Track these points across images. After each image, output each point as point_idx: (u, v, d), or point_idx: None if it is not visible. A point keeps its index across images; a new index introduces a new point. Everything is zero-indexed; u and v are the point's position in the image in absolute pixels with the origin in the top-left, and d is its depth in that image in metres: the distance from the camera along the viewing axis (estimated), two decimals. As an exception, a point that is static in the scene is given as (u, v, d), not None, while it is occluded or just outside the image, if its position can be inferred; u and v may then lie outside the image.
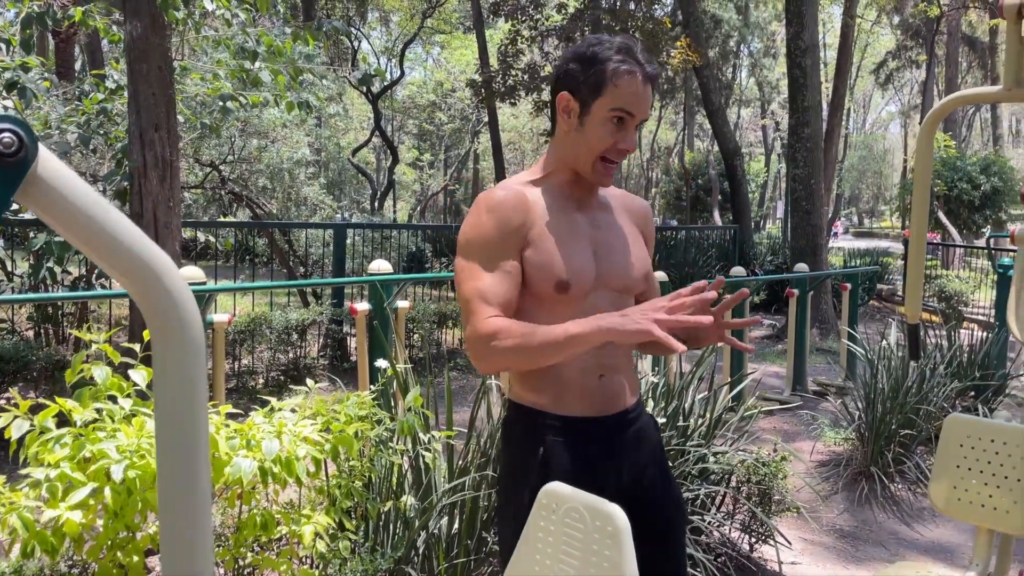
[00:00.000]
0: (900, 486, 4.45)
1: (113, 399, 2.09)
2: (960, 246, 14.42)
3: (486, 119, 18.77)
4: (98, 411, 2.02)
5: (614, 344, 1.62)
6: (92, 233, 0.79)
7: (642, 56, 1.58)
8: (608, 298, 1.64)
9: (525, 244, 1.58)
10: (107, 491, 1.82)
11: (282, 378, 6.48)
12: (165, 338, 0.87)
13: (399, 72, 24.65)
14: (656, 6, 14.65)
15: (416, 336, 7.21)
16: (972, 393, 5.34)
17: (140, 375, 2.10)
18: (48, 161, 0.75)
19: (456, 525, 2.61)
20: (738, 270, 6.27)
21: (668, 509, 1.73)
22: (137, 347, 2.20)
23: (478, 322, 1.51)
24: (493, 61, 14.68)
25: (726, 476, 3.34)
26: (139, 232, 0.83)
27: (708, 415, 3.36)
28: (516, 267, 1.57)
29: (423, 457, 2.54)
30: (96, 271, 6.00)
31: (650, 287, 1.79)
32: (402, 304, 4.32)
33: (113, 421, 2.00)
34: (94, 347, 2.16)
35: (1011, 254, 8.18)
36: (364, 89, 18.91)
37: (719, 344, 1.70)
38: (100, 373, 2.04)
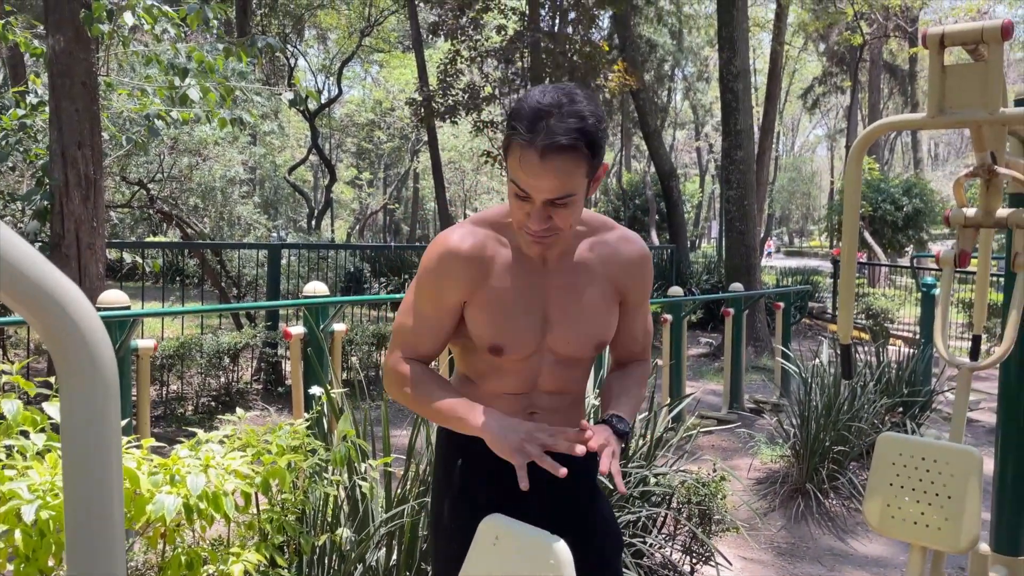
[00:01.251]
0: (835, 502, 4.53)
1: (25, 434, 1.96)
2: (885, 265, 14.97)
3: (426, 138, 18.73)
4: (8, 448, 1.90)
5: (551, 394, 1.62)
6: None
7: (554, 121, 1.31)
8: (551, 361, 1.58)
9: (469, 297, 1.52)
10: (18, 533, 1.70)
11: (213, 404, 6.27)
12: (73, 376, 0.80)
13: (337, 90, 24.43)
14: (593, 30, 14.89)
15: (354, 359, 7.08)
16: (900, 409, 5.50)
17: (56, 408, 1.98)
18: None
19: (395, 556, 2.53)
20: (675, 290, 6.35)
21: (597, 537, 1.68)
22: (53, 379, 2.08)
23: (391, 357, 1.59)
24: (433, 80, 14.67)
25: (667, 497, 3.34)
26: (42, 259, 0.77)
27: (649, 436, 3.36)
28: (448, 319, 1.55)
29: (359, 487, 2.46)
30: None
31: (620, 342, 1.70)
32: (339, 327, 4.23)
33: (25, 458, 1.87)
34: (5, 378, 2.03)
35: (934, 273, 8.52)
36: (300, 108, 18.68)
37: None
38: (11, 406, 1.91)
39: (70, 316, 0.81)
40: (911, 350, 6.32)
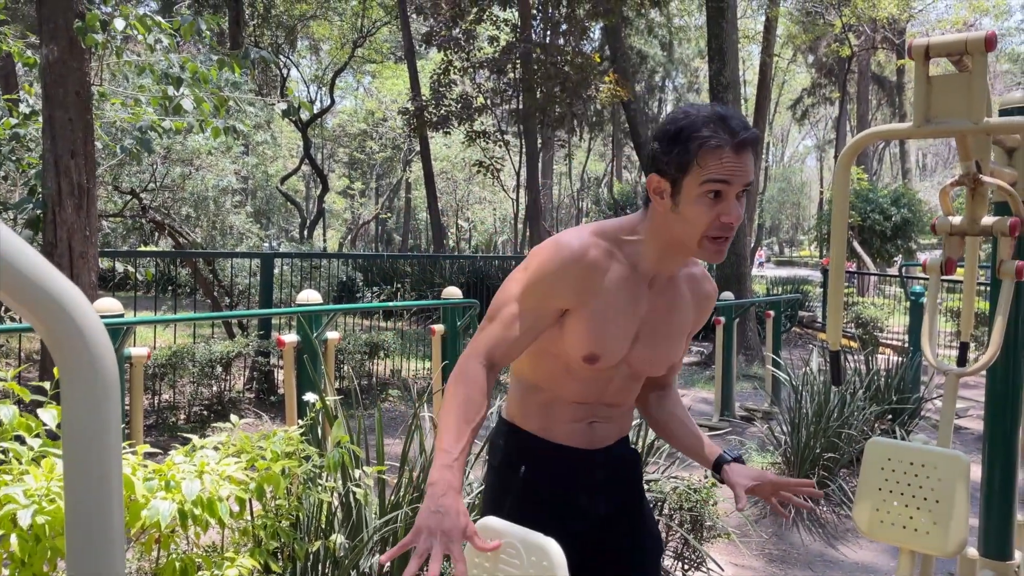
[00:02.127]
0: (825, 508, 4.56)
1: (21, 440, 1.97)
2: (874, 274, 15.07)
3: (418, 148, 18.78)
4: (3, 453, 1.90)
5: (611, 406, 1.68)
6: (-8, 265, 0.73)
7: (735, 123, 1.48)
8: (625, 374, 1.66)
9: (577, 306, 1.54)
10: (13, 538, 1.70)
11: (205, 413, 6.25)
12: (75, 376, 0.81)
13: (330, 100, 24.47)
14: (585, 41, 14.99)
15: (347, 368, 7.08)
16: (890, 416, 5.54)
17: (50, 414, 1.98)
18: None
19: (388, 563, 2.54)
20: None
21: (647, 540, 1.77)
22: (48, 384, 2.08)
23: (471, 348, 1.55)
24: (425, 91, 14.73)
25: (658, 504, 3.36)
26: (44, 262, 0.78)
27: (640, 442, 3.38)
28: (543, 324, 1.55)
29: (353, 493, 2.47)
30: (3, 305, 5.70)
31: (670, 371, 1.83)
32: (332, 335, 4.23)
33: (20, 463, 1.88)
34: (0, 385, 2.03)
35: (922, 282, 8.59)
36: (293, 118, 18.71)
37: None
38: (6, 412, 1.92)
39: (72, 317, 0.82)
40: (900, 358, 6.37)
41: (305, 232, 23.26)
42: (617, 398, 1.69)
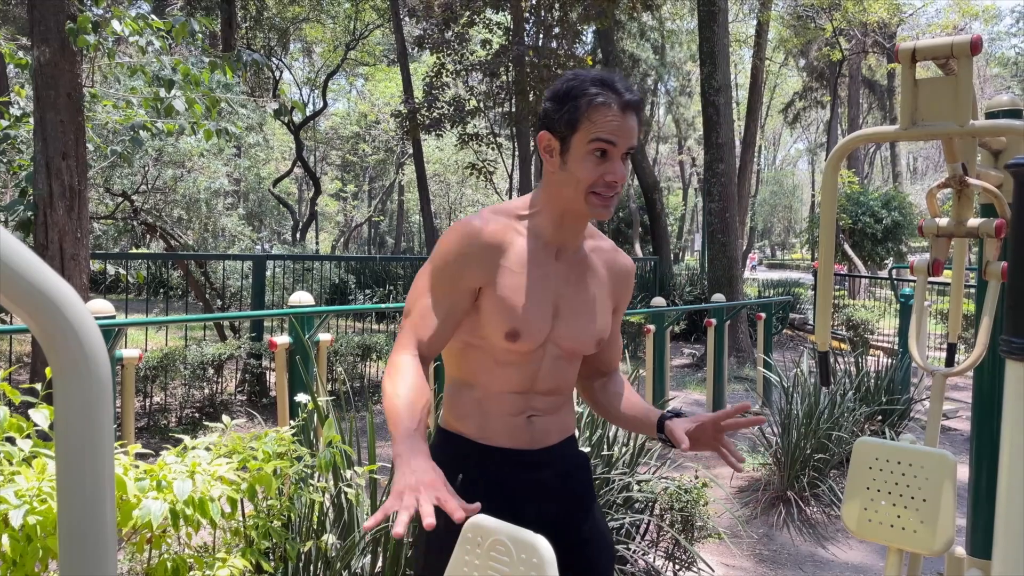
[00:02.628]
0: (815, 509, 4.58)
1: (11, 440, 1.97)
2: (865, 277, 15.14)
3: (411, 151, 18.78)
4: (-6, 454, 1.90)
5: (546, 394, 1.64)
6: (-14, 263, 0.74)
7: (620, 85, 1.53)
8: (554, 355, 1.63)
9: (487, 282, 1.55)
10: (5, 538, 1.70)
11: (197, 415, 6.24)
12: (68, 375, 0.82)
13: (322, 103, 24.45)
14: (577, 44, 15.03)
15: (339, 370, 7.07)
16: (880, 417, 5.57)
17: (41, 415, 1.98)
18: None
19: (380, 563, 2.54)
20: (658, 300, 6.41)
21: (590, 548, 1.70)
22: (39, 386, 2.08)
23: (396, 346, 1.55)
24: (418, 93, 14.73)
25: (650, 504, 3.37)
26: (38, 260, 0.79)
27: (631, 443, 3.40)
28: (461, 305, 1.55)
29: (345, 494, 2.48)
30: (-5, 305, 5.68)
31: (607, 349, 1.79)
32: (324, 337, 4.24)
33: (11, 464, 1.88)
34: (-9, 386, 2.03)
35: (912, 284, 8.64)
36: (285, 119, 18.68)
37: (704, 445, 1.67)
38: (-3, 413, 1.92)
39: (65, 316, 0.83)
40: (890, 360, 6.41)
41: (297, 235, 23.23)
42: (551, 383, 1.64)
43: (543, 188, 1.60)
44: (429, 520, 1.25)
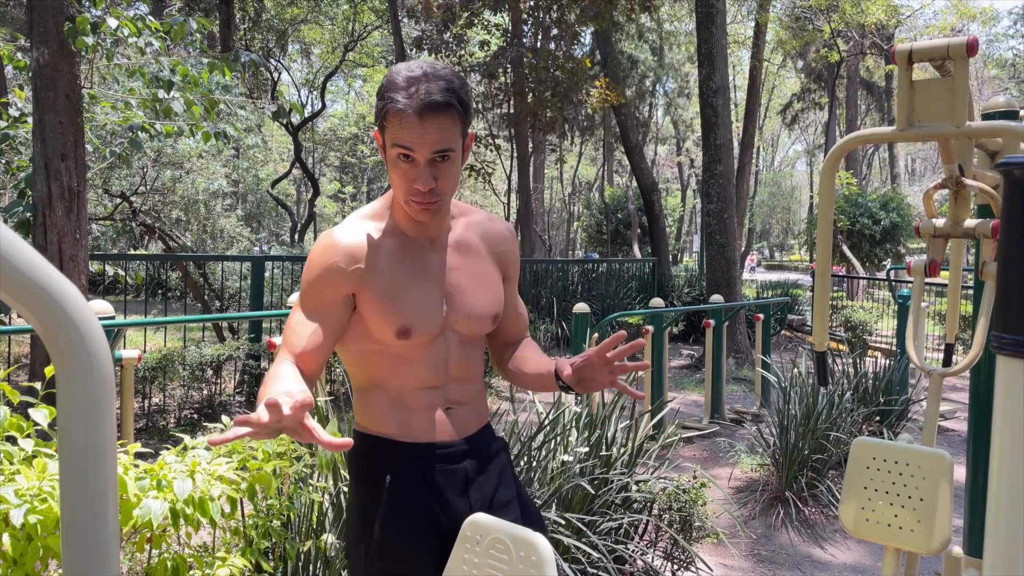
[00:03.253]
0: (813, 509, 4.59)
1: (12, 440, 1.97)
2: (863, 278, 15.16)
3: (409, 153, 18.76)
4: (-6, 453, 1.91)
5: (460, 382, 1.63)
6: (-9, 261, 0.75)
7: (425, 86, 1.42)
8: (456, 342, 1.61)
9: (359, 287, 1.52)
10: (5, 537, 1.71)
11: (195, 417, 6.24)
12: (70, 371, 0.83)
13: (320, 104, 24.46)
14: (576, 46, 15.05)
15: (337, 371, 7.08)
16: (877, 418, 5.58)
17: (42, 414, 1.99)
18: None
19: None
20: (657, 301, 6.42)
21: (519, 519, 1.68)
22: (38, 385, 2.09)
23: (276, 357, 1.51)
24: (416, 95, 14.72)
25: (648, 504, 3.38)
26: (41, 259, 0.80)
27: (630, 444, 3.41)
28: (333, 316, 1.52)
29: (344, 493, 2.48)
30: (-6, 306, 5.68)
31: (509, 318, 1.75)
32: (323, 338, 4.24)
33: (12, 463, 1.89)
34: (-9, 385, 2.04)
35: (910, 285, 8.65)
36: (284, 121, 18.69)
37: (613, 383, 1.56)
38: (-3, 413, 1.92)
39: (67, 313, 0.84)
40: (888, 361, 6.42)
41: (296, 236, 23.22)
42: (462, 371, 1.62)
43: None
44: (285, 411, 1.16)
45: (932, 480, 2.23)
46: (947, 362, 2.79)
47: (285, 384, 1.33)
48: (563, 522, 2.88)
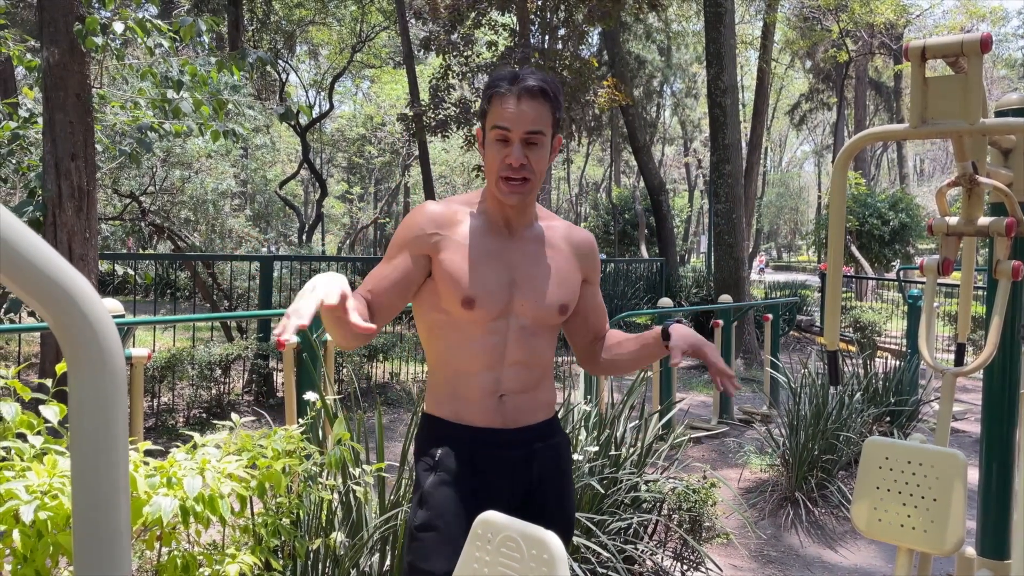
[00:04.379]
0: (823, 510, 4.56)
1: (23, 437, 1.97)
2: (872, 278, 15.09)
3: (416, 153, 18.82)
4: (6, 450, 1.91)
5: (516, 368, 1.71)
6: (5, 255, 0.75)
7: (522, 75, 1.65)
8: (518, 327, 1.71)
9: (436, 252, 1.67)
10: (16, 534, 1.71)
11: (204, 416, 6.25)
12: (83, 367, 0.82)
13: (328, 105, 24.50)
14: (583, 46, 15.02)
15: (345, 371, 7.08)
16: (888, 419, 5.55)
17: (52, 411, 1.99)
18: (-41, 178, 0.71)
19: (388, 561, 2.54)
20: (665, 301, 6.40)
21: (551, 526, 1.74)
22: (49, 382, 2.09)
23: None
24: (424, 95, 14.75)
25: (657, 504, 3.37)
26: (56, 255, 0.80)
27: (639, 443, 3.39)
28: (408, 268, 1.67)
29: (354, 492, 2.48)
30: (4, 306, 5.71)
31: (593, 313, 1.87)
32: (330, 337, 4.24)
33: (23, 460, 1.89)
34: (1, 382, 2.04)
35: (920, 286, 8.61)
36: (291, 122, 18.73)
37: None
38: (8, 409, 1.93)
39: (81, 308, 0.83)
40: (898, 362, 6.38)
41: (304, 236, 23.25)
42: (519, 355, 1.71)
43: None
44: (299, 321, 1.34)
45: (946, 480, 2.21)
46: (959, 361, 2.76)
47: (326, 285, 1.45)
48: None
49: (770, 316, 7.26)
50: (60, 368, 2.15)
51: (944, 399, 2.44)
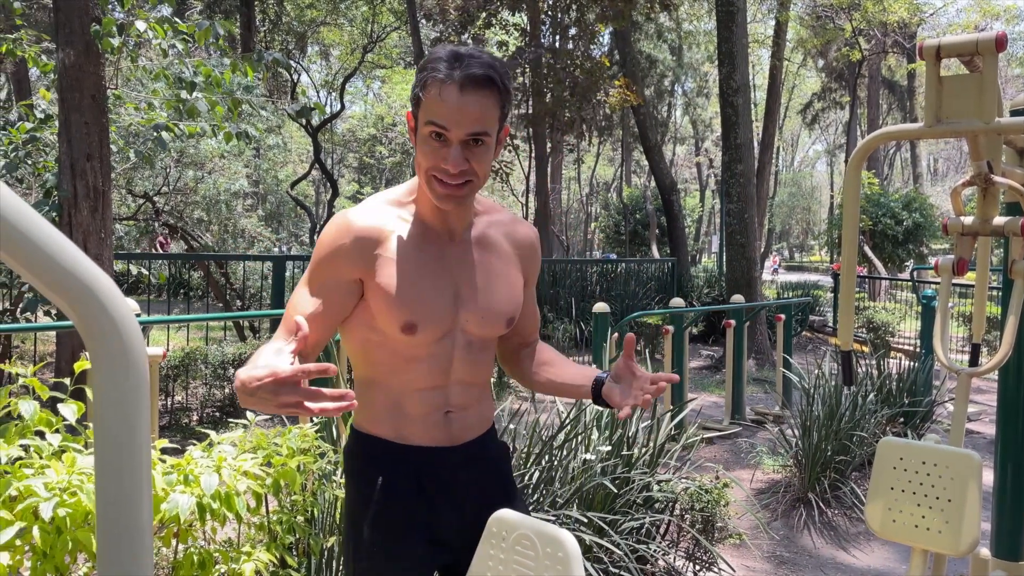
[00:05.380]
0: (836, 511, 4.55)
1: (41, 434, 2.00)
2: (885, 279, 15.00)
3: (427, 153, 18.80)
4: (25, 448, 1.93)
5: (463, 386, 1.55)
6: (32, 255, 0.76)
7: (466, 60, 1.36)
8: (464, 343, 1.53)
9: (369, 274, 1.45)
10: (35, 530, 1.73)
11: (217, 414, 6.30)
12: (107, 366, 0.84)
13: (339, 106, 24.58)
14: (594, 46, 15.02)
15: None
16: (901, 420, 5.52)
17: (70, 409, 2.01)
18: (-12, 179, 0.73)
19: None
20: (677, 301, 6.39)
21: None
22: (67, 380, 2.12)
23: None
24: (434, 96, 14.75)
25: (670, 504, 3.37)
26: (81, 254, 0.81)
27: (652, 444, 3.39)
28: (338, 300, 1.46)
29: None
30: (20, 305, 5.76)
31: (524, 318, 1.69)
32: (344, 336, 4.27)
33: (41, 457, 1.91)
34: (20, 381, 2.06)
35: (934, 286, 8.56)
36: (303, 122, 18.81)
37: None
38: (28, 407, 1.95)
39: (106, 308, 0.85)
40: (912, 362, 6.35)
41: (315, 236, 23.35)
42: (466, 374, 1.55)
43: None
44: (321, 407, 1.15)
45: (961, 481, 2.20)
46: (974, 362, 2.75)
47: (266, 356, 1.26)
48: (585, 521, 2.88)
49: (783, 316, 7.24)
50: (78, 367, 2.17)
51: (959, 399, 2.43)
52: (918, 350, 7.79)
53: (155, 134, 5.63)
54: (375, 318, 1.46)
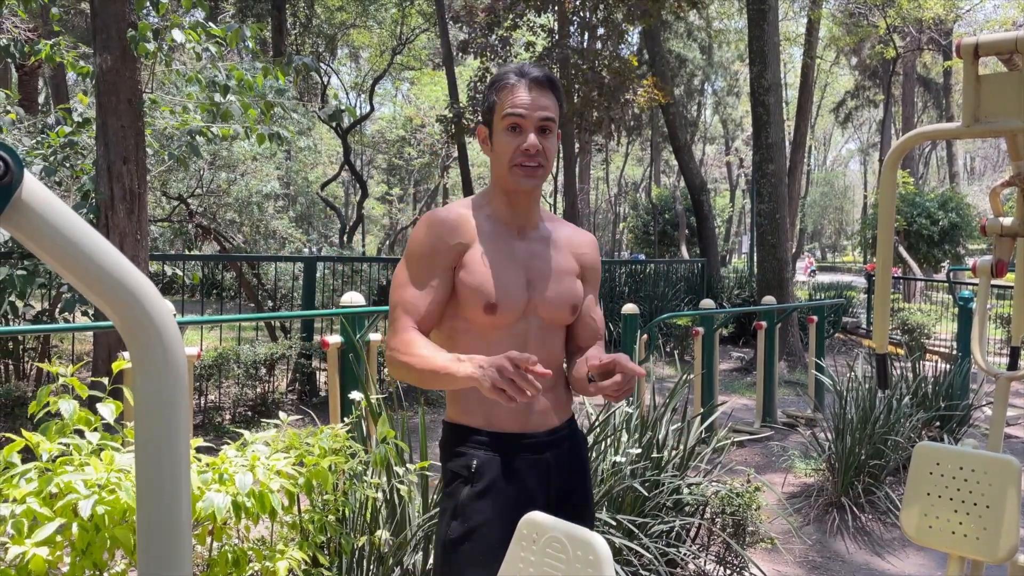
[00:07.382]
0: (870, 516, 4.48)
1: (80, 433, 2.04)
2: (921, 280, 14.74)
3: (456, 154, 18.90)
4: (64, 445, 1.97)
5: (542, 366, 1.63)
6: (76, 259, 0.78)
7: (529, 68, 1.70)
8: (537, 326, 1.73)
9: (459, 264, 1.69)
10: (74, 527, 1.77)
11: (249, 414, 6.37)
12: (148, 365, 0.85)
13: (369, 107, 24.75)
14: (622, 45, 14.95)
15: (386, 370, 7.15)
16: (938, 423, 5.42)
17: (108, 408, 2.05)
18: (33, 187, 0.74)
19: (431, 560, 2.57)
20: (707, 302, 6.34)
21: (584, 523, 1.74)
22: (106, 380, 2.16)
23: (394, 332, 1.67)
24: (463, 97, 14.82)
25: (700, 508, 3.34)
26: (123, 258, 0.83)
27: (681, 447, 3.37)
28: (443, 284, 1.68)
29: (398, 490, 2.51)
30: (59, 305, 5.88)
31: (582, 321, 1.84)
32: (374, 337, 4.29)
33: (81, 455, 1.95)
34: (61, 380, 2.11)
35: (971, 287, 8.39)
36: (333, 124, 18.97)
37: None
38: (67, 407, 1.99)
39: (147, 311, 0.87)
40: (948, 365, 6.23)
41: (345, 237, 23.52)
42: (540, 355, 1.69)
43: (491, 177, 1.77)
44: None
45: (999, 487, 2.15)
46: (1013, 365, 2.69)
47: (444, 355, 1.55)
48: (614, 523, 2.87)
49: (815, 318, 7.15)
50: (116, 366, 2.21)
51: (997, 404, 2.39)
52: (954, 352, 7.65)
53: (189, 138, 5.72)
54: (461, 305, 1.69)
